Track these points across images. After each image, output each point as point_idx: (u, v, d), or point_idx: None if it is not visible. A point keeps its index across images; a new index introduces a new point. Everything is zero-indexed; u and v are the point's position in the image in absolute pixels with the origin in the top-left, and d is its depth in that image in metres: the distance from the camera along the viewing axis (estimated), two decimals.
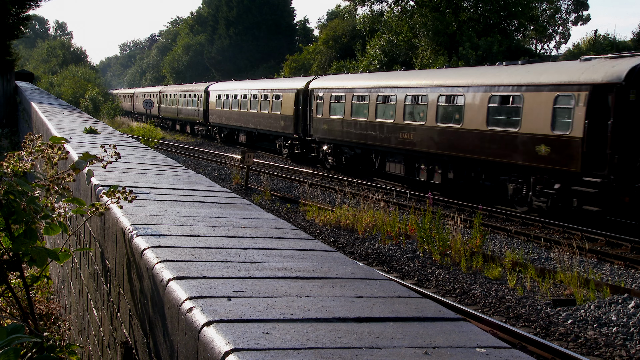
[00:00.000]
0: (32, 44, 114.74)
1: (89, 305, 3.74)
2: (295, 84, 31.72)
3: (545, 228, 16.23)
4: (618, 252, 13.71)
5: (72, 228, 4.25)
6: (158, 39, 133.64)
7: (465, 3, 42.93)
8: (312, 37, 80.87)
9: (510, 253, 12.74)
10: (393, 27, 44.83)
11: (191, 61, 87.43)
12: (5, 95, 24.23)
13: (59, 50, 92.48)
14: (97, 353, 3.40)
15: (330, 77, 30.74)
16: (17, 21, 25.05)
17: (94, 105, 58.04)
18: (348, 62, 50.60)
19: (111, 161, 2.96)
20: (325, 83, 28.87)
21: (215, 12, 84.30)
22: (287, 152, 32.28)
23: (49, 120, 8.23)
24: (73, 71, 73.92)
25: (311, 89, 29.40)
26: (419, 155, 21.67)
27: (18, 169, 2.61)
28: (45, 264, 2.52)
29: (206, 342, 1.54)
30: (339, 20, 60.80)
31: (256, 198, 19.93)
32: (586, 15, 54.90)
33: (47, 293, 5.67)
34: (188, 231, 2.60)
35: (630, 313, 9.52)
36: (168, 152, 32.99)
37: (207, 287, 1.88)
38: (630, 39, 37.36)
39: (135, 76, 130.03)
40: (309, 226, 16.20)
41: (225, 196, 3.65)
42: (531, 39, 48.55)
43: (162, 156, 5.79)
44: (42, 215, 2.51)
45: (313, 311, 1.73)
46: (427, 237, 13.44)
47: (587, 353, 8.44)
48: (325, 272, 2.17)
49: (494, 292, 10.95)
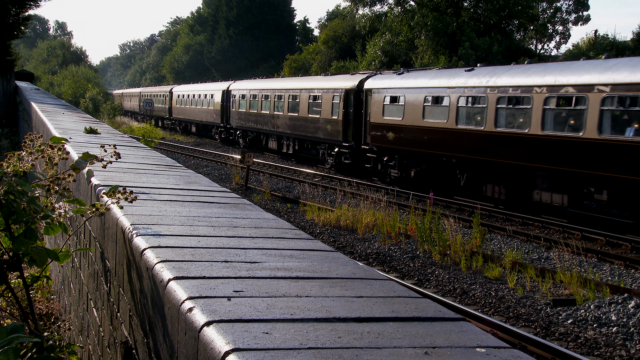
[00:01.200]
0: (32, 44, 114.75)
1: (89, 305, 3.74)
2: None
3: (545, 228, 16.23)
4: (618, 252, 13.71)
5: (72, 228, 4.25)
6: (158, 39, 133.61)
7: (465, 3, 42.93)
8: (312, 37, 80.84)
9: (510, 253, 12.74)
10: (393, 27, 44.83)
11: (191, 61, 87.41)
12: (5, 95, 24.23)
13: (59, 50, 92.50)
14: (97, 353, 3.40)
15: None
16: (17, 21, 25.05)
17: (94, 105, 58.08)
18: (348, 62, 50.60)
19: (111, 161, 2.96)
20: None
21: (215, 12, 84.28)
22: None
23: (49, 120, 8.24)
24: (73, 71, 73.99)
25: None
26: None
27: (18, 169, 2.61)
28: (45, 264, 2.52)
29: (206, 342, 1.55)
30: (339, 20, 60.81)
31: (256, 198, 19.93)
32: (586, 16, 54.89)
33: (47, 293, 5.67)
34: (188, 231, 2.60)
35: (630, 313, 9.52)
36: (168, 152, 32.99)
37: (207, 287, 1.88)
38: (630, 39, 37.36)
39: (135, 76, 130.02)
40: (309, 226, 16.20)
41: (225, 196, 3.65)
42: (531, 39, 48.56)
43: (162, 156, 5.79)
44: (42, 215, 2.51)
45: (313, 311, 1.73)
46: (427, 237, 13.44)
47: (587, 353, 8.44)
48: (325, 272, 2.17)
49: (494, 292, 10.95)
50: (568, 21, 52.54)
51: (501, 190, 18.87)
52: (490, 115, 18.66)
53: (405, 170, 22.85)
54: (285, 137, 32.40)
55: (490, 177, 19.16)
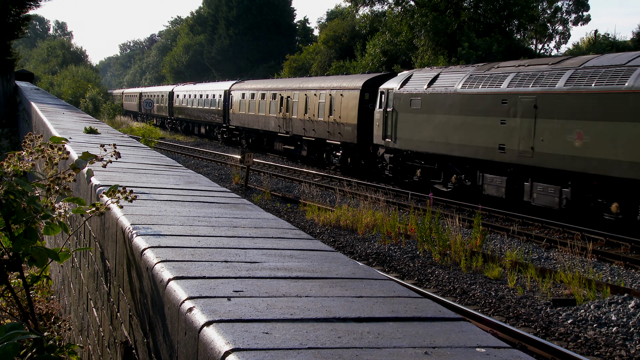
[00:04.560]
0: (32, 44, 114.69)
1: (89, 305, 3.74)
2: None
3: (545, 228, 16.23)
4: (618, 252, 13.71)
5: (72, 228, 4.25)
6: (158, 39, 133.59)
7: (465, 3, 42.91)
8: (312, 37, 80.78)
9: (510, 253, 12.74)
10: (393, 27, 44.80)
11: (191, 61, 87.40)
12: (5, 95, 24.23)
13: (59, 50, 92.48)
14: (97, 353, 3.40)
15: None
16: (17, 21, 25.04)
17: (94, 105, 58.09)
18: (348, 62, 50.58)
19: (111, 160, 2.96)
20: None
21: (215, 12, 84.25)
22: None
23: (49, 120, 8.24)
24: (73, 71, 73.96)
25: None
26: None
27: (18, 169, 2.61)
28: (45, 263, 2.52)
29: (206, 342, 1.55)
30: (339, 20, 60.79)
31: (256, 198, 19.93)
32: (586, 16, 54.92)
33: (47, 293, 5.67)
34: (188, 231, 2.60)
35: (630, 313, 9.52)
36: (168, 152, 32.98)
37: (207, 287, 1.88)
38: (630, 39, 37.38)
39: (135, 76, 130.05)
40: (309, 226, 16.20)
41: (225, 196, 3.65)
42: (531, 39, 48.55)
43: (162, 156, 5.79)
44: (42, 215, 2.51)
45: (313, 311, 1.73)
46: (427, 237, 13.44)
47: (587, 353, 8.44)
48: (325, 272, 2.17)
49: (494, 292, 10.95)
50: (568, 21, 52.59)
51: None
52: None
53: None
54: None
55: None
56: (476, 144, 18.36)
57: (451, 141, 19.42)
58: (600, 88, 14.90)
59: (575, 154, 15.35)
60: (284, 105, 31.66)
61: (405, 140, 21.70)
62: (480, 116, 18.30)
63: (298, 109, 30.28)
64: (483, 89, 18.34)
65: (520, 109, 16.91)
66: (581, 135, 15.20)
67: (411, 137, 21.39)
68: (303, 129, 29.79)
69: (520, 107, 16.92)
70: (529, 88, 16.76)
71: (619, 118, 14.39)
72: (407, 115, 21.51)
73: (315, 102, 28.71)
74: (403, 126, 21.77)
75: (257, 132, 35.47)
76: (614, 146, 14.48)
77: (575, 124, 15.38)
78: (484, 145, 18.07)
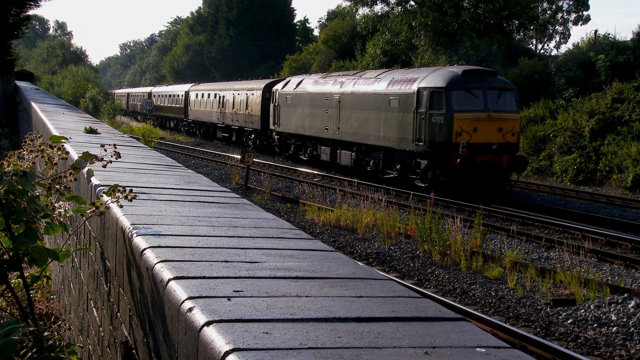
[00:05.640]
0: (32, 44, 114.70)
1: (89, 305, 3.74)
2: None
3: (545, 228, 16.23)
4: (618, 252, 13.70)
5: (72, 228, 4.25)
6: (158, 39, 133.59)
7: (465, 3, 42.89)
8: (312, 37, 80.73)
9: (510, 253, 12.74)
10: (393, 27, 44.78)
11: (191, 61, 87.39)
12: (5, 95, 24.24)
13: (59, 50, 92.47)
14: (97, 353, 3.40)
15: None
16: (18, 21, 25.04)
17: (94, 105, 58.09)
18: (348, 62, 50.57)
19: (111, 160, 2.96)
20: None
21: (215, 12, 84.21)
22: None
23: (49, 120, 8.24)
24: (73, 71, 73.97)
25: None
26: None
27: (18, 169, 2.61)
28: (45, 263, 2.52)
29: (206, 342, 1.54)
30: (339, 20, 60.77)
31: (256, 198, 19.94)
32: (586, 16, 54.87)
33: (47, 293, 5.67)
34: (188, 231, 2.60)
35: (630, 313, 9.52)
36: (168, 152, 32.99)
37: (207, 287, 1.88)
38: (630, 39, 37.30)
39: (135, 76, 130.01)
40: (309, 226, 16.20)
41: (225, 196, 3.65)
42: (531, 39, 48.52)
43: (162, 156, 5.79)
44: (42, 215, 2.51)
45: (313, 311, 1.73)
46: (427, 237, 13.44)
47: (587, 353, 8.44)
48: (325, 272, 2.17)
49: (494, 292, 10.95)
50: (568, 21, 52.55)
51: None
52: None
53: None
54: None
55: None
56: (316, 127, 27.77)
57: (305, 125, 28.83)
58: (364, 90, 24.19)
59: (355, 131, 24.65)
60: (221, 102, 41.17)
61: (284, 125, 31.03)
62: (317, 108, 27.64)
63: (228, 105, 39.74)
64: (319, 90, 27.85)
65: (333, 103, 26.24)
66: (356, 119, 24.42)
67: (287, 123, 30.69)
68: (232, 120, 39.35)
69: (333, 102, 26.26)
70: (337, 89, 26.31)
71: (370, 108, 23.46)
72: (285, 108, 30.74)
73: (238, 99, 38.20)
74: (283, 115, 30.99)
75: (206, 124, 44.84)
76: (369, 126, 23.51)
77: (353, 113, 24.70)
78: (319, 127, 27.49)
